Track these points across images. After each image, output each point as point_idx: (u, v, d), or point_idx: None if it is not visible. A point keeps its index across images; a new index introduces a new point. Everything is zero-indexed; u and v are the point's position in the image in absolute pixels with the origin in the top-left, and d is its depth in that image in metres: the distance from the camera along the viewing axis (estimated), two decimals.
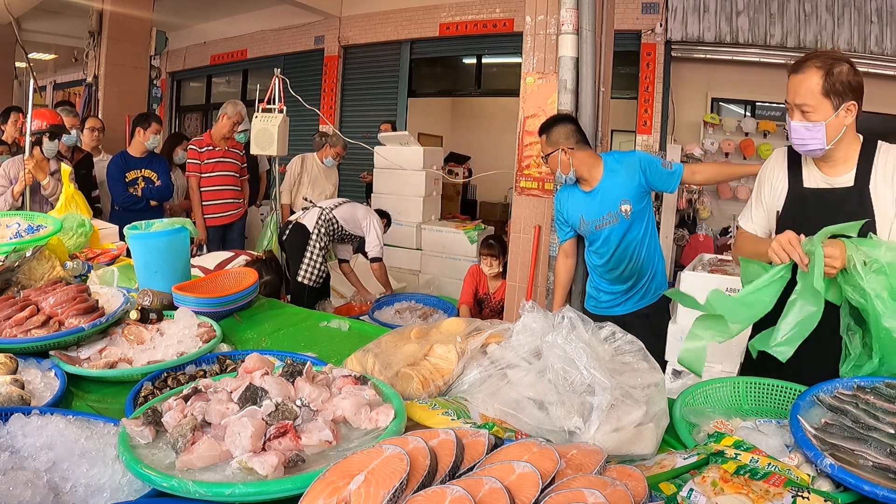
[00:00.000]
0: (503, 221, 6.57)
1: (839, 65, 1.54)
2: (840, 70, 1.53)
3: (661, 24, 5.39)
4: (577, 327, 1.21)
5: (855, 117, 1.58)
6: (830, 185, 1.64)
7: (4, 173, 3.24)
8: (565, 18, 2.75)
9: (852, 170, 1.60)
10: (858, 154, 1.60)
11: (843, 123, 1.56)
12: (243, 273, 2.02)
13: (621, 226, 2.39)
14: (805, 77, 1.57)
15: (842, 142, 1.59)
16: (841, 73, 1.53)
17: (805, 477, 0.94)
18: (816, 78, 1.55)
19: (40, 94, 8.18)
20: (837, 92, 1.53)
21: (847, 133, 1.58)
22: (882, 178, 1.57)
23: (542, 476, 0.78)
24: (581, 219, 2.47)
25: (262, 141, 3.97)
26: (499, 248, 3.80)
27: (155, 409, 1.03)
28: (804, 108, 1.57)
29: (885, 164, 1.57)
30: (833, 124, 1.55)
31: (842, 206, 1.59)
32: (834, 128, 1.56)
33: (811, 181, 1.68)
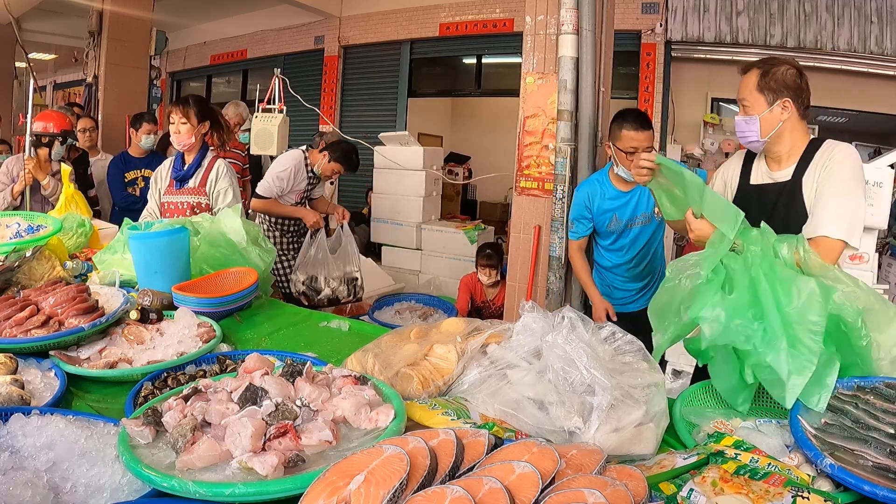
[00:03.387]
0: (503, 221, 6.57)
1: (779, 66, 1.66)
2: (777, 70, 1.65)
3: (661, 24, 5.39)
4: (577, 327, 1.21)
5: (799, 116, 1.67)
6: (773, 180, 1.73)
7: (6, 170, 3.25)
8: (565, 18, 2.75)
9: (793, 165, 1.69)
10: (803, 151, 1.68)
11: (778, 118, 1.66)
12: (243, 273, 2.02)
13: (651, 226, 2.52)
14: (747, 76, 1.71)
15: (784, 138, 1.68)
16: (777, 72, 1.65)
17: (805, 477, 0.94)
18: (754, 76, 1.68)
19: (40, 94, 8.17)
20: (771, 88, 1.65)
21: (790, 130, 1.68)
22: (813, 172, 1.64)
23: (542, 476, 0.78)
24: (614, 217, 2.52)
25: (262, 141, 3.97)
26: (497, 257, 3.81)
27: (155, 409, 1.03)
28: (743, 102, 1.71)
29: (820, 159, 1.64)
30: (767, 118, 1.66)
31: (777, 200, 1.69)
32: (768, 122, 1.66)
33: (757, 177, 1.78)
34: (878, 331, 1.29)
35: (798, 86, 1.66)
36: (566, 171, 2.85)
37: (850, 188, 1.57)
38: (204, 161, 2.62)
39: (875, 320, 1.28)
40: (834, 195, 1.57)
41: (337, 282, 3.30)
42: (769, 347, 1.23)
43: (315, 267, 3.25)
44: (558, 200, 2.90)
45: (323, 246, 3.27)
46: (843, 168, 1.60)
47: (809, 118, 1.73)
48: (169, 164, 2.69)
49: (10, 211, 2.96)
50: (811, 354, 1.19)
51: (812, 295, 1.23)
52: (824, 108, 5.44)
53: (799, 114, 1.67)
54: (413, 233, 4.96)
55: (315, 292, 3.26)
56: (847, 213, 1.55)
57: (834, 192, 1.57)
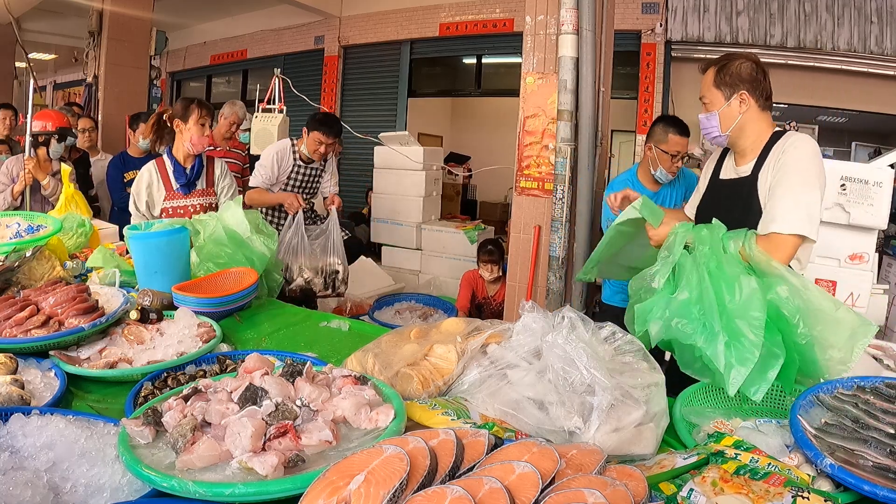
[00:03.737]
0: (503, 221, 6.56)
1: (735, 60, 1.68)
2: (733, 64, 1.67)
3: (661, 24, 5.39)
4: (577, 327, 1.21)
5: (759, 108, 1.67)
6: (737, 175, 1.74)
7: (7, 171, 3.25)
8: (565, 18, 2.75)
9: (755, 160, 1.69)
10: (764, 145, 1.68)
11: (737, 112, 1.66)
12: (243, 273, 2.02)
13: None
14: (706, 75, 1.73)
15: (746, 131, 1.69)
16: (732, 67, 1.66)
17: (805, 477, 0.94)
18: (711, 73, 1.70)
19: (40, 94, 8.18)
20: (727, 83, 1.66)
21: (752, 122, 1.68)
22: (768, 167, 1.64)
23: (542, 476, 0.78)
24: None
25: (262, 141, 3.97)
26: (498, 252, 3.81)
27: (155, 409, 1.03)
28: (703, 100, 1.74)
29: (775, 153, 1.63)
30: (726, 113, 1.68)
31: (737, 195, 1.70)
32: (728, 116, 1.68)
33: (726, 172, 1.80)
34: (827, 329, 1.31)
35: (754, 78, 1.66)
36: (566, 171, 2.85)
37: (802, 180, 1.53)
38: (204, 161, 2.62)
39: (823, 319, 1.31)
40: (785, 189, 1.54)
41: (312, 272, 3.02)
42: (709, 342, 1.31)
43: (288, 254, 2.98)
44: (558, 200, 2.90)
45: (300, 232, 3.01)
46: (796, 160, 1.56)
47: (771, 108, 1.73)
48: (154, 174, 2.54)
49: (10, 211, 2.96)
50: (753, 347, 1.26)
51: (753, 292, 1.30)
52: (824, 108, 5.44)
53: (759, 105, 1.67)
54: (413, 233, 4.96)
55: (286, 282, 2.96)
56: (801, 206, 1.51)
57: (786, 186, 1.54)
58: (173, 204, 2.55)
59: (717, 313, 1.33)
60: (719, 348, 1.30)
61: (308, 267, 3.00)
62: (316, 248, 3.03)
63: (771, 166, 1.61)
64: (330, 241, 3.08)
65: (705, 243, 1.44)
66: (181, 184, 2.55)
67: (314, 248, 3.03)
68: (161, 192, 2.54)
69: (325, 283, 3.04)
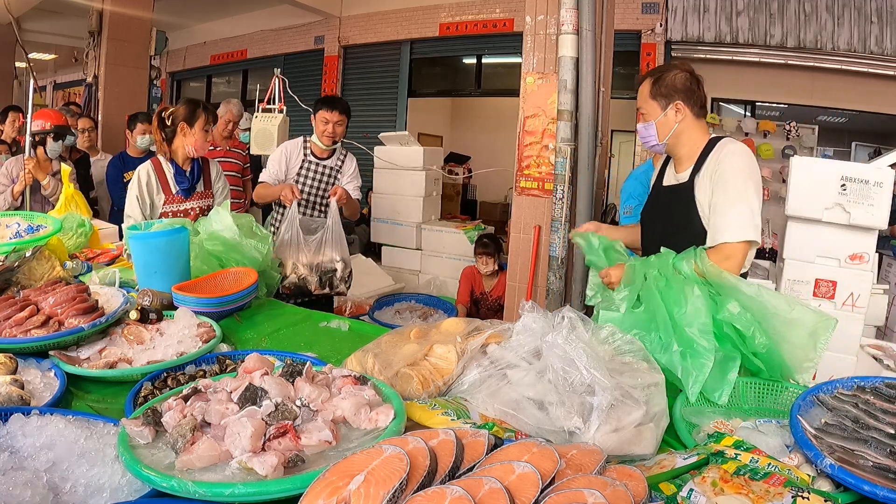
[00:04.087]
0: (503, 221, 6.56)
1: (669, 71, 1.75)
2: (667, 75, 1.74)
3: (661, 24, 5.39)
4: (577, 327, 1.21)
5: (694, 116, 1.75)
6: (677, 182, 1.82)
7: (6, 172, 3.25)
8: (565, 18, 2.75)
9: (692, 167, 1.76)
10: (700, 152, 1.76)
11: (672, 121, 1.75)
12: (243, 273, 2.02)
13: None
14: (642, 86, 1.80)
15: (682, 139, 1.77)
16: (666, 78, 1.74)
17: (805, 477, 0.94)
18: (647, 85, 1.77)
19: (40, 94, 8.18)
20: (662, 94, 1.74)
21: (688, 131, 1.76)
22: (705, 174, 1.71)
23: (542, 476, 0.78)
24: None
25: (262, 141, 3.97)
26: (493, 246, 3.84)
27: (155, 409, 1.03)
28: (640, 111, 1.81)
29: (711, 161, 1.71)
30: (663, 122, 1.76)
31: (678, 201, 1.78)
32: (664, 126, 1.76)
33: (668, 179, 1.88)
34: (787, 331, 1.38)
35: (688, 88, 1.74)
36: (566, 171, 2.85)
37: (740, 189, 1.62)
38: (200, 162, 2.61)
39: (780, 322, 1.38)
40: (727, 200, 1.63)
41: (307, 269, 2.81)
42: (665, 353, 1.40)
43: (282, 249, 2.80)
44: (558, 200, 2.90)
45: (294, 226, 2.81)
46: (732, 171, 1.65)
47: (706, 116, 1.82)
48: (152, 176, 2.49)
49: (10, 211, 2.96)
50: (707, 352, 1.35)
51: (698, 300, 1.39)
52: (824, 108, 5.44)
53: (693, 114, 1.75)
54: (413, 233, 4.96)
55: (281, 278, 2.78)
56: (744, 214, 1.61)
57: (727, 197, 1.63)
58: (173, 208, 2.52)
59: (671, 327, 1.43)
60: (675, 358, 1.38)
61: (302, 263, 2.82)
62: (312, 243, 2.84)
63: (707, 175, 1.70)
64: (328, 237, 2.87)
65: (655, 268, 1.56)
66: (183, 188, 2.52)
67: (309, 244, 2.84)
68: (160, 195, 2.51)
69: (320, 281, 2.83)
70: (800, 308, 1.38)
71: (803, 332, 1.36)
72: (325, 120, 2.93)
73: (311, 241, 2.83)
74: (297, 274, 2.77)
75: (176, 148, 2.51)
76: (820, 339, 1.36)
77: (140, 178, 2.48)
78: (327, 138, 2.95)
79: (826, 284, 2.27)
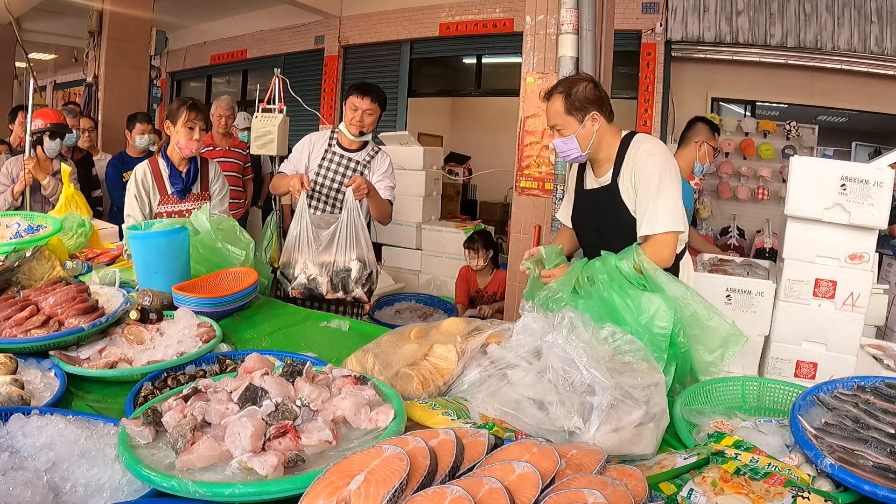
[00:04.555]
0: (503, 221, 6.56)
1: (577, 84, 1.83)
2: (577, 89, 1.81)
3: (661, 24, 5.39)
4: (577, 327, 1.21)
5: (607, 121, 1.85)
6: (599, 185, 1.92)
7: (7, 172, 3.25)
8: (565, 18, 2.75)
9: (611, 169, 1.87)
10: (616, 152, 1.86)
11: (591, 132, 1.83)
12: (243, 273, 2.02)
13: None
14: (551, 103, 1.86)
15: (600, 145, 1.86)
16: (578, 92, 1.81)
17: (805, 477, 0.94)
18: (559, 101, 1.83)
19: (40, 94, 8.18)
20: (577, 108, 1.81)
21: (604, 136, 1.85)
22: (625, 173, 1.83)
23: (542, 476, 0.78)
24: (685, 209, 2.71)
25: (262, 141, 3.96)
26: (481, 242, 3.86)
27: (155, 409, 1.03)
28: (557, 127, 1.86)
29: (629, 160, 1.82)
30: (582, 135, 1.83)
31: (605, 202, 1.88)
32: (584, 137, 1.84)
33: (588, 183, 1.98)
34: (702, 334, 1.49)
35: (598, 97, 1.83)
36: (566, 171, 2.85)
37: (661, 182, 1.75)
38: (198, 164, 2.59)
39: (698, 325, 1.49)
40: (651, 194, 1.76)
41: (318, 269, 2.51)
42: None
43: (291, 249, 2.54)
44: (558, 200, 2.90)
45: (303, 220, 2.52)
46: (651, 167, 1.77)
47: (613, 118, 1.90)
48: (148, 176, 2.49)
49: (10, 211, 2.96)
50: (662, 351, 1.45)
51: (659, 306, 1.48)
52: (824, 108, 5.43)
53: (606, 120, 1.85)
54: (413, 233, 4.96)
55: (287, 280, 2.56)
56: (668, 206, 1.74)
57: (650, 192, 1.76)
58: (168, 209, 2.51)
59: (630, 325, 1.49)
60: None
61: (312, 263, 2.52)
62: (322, 239, 2.52)
63: (628, 176, 1.82)
64: (341, 232, 2.51)
65: (602, 272, 1.65)
66: (177, 189, 2.51)
67: (320, 240, 2.52)
68: (156, 196, 2.50)
69: (331, 283, 2.51)
70: (718, 318, 1.49)
71: (716, 340, 1.48)
72: (355, 107, 2.62)
73: (321, 236, 2.51)
74: (306, 274, 2.51)
75: (171, 148, 2.51)
76: (729, 349, 1.48)
77: (137, 178, 2.48)
78: (354, 127, 2.64)
79: (826, 284, 2.27)
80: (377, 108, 2.67)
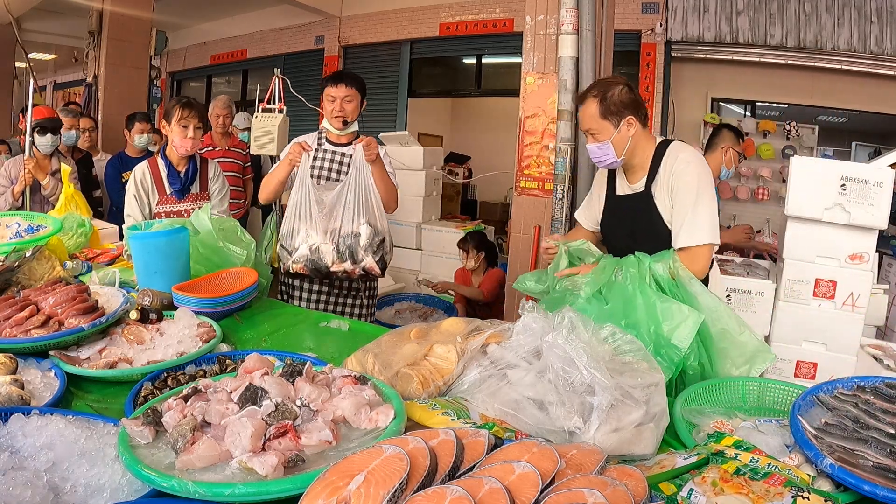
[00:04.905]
0: (503, 221, 6.56)
1: (612, 88, 1.79)
2: (613, 93, 1.78)
3: (661, 24, 5.39)
4: (577, 327, 1.21)
5: (642, 126, 1.82)
6: (633, 191, 1.90)
7: (5, 173, 3.24)
8: (565, 18, 2.75)
9: (646, 176, 1.84)
10: (651, 159, 1.83)
11: (626, 136, 1.80)
12: (243, 273, 2.02)
13: None
14: (586, 107, 1.82)
15: (635, 151, 1.83)
16: (613, 96, 1.78)
17: (805, 477, 0.94)
18: (594, 105, 1.79)
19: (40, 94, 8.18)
20: (613, 112, 1.78)
21: (639, 141, 1.82)
22: (661, 182, 1.80)
23: (542, 476, 0.78)
24: None
25: (262, 141, 3.96)
26: (473, 242, 3.91)
27: (155, 409, 1.03)
28: (591, 131, 1.83)
29: (665, 169, 1.79)
30: (618, 140, 1.80)
31: (638, 208, 1.86)
32: (620, 142, 1.80)
33: (621, 189, 1.95)
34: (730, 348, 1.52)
35: (634, 101, 1.80)
36: (566, 171, 2.85)
37: (699, 194, 1.73)
38: (197, 164, 2.59)
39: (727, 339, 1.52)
40: (688, 206, 1.74)
41: (322, 237, 2.21)
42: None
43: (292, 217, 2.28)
44: (558, 200, 2.90)
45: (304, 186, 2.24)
46: (687, 175, 1.75)
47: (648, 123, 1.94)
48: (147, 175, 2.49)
49: (10, 211, 2.96)
50: (672, 363, 1.46)
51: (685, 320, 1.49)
52: (824, 108, 5.44)
53: (641, 124, 1.82)
54: (413, 233, 4.96)
55: (287, 252, 2.30)
56: (705, 217, 1.73)
57: (687, 203, 1.74)
58: (166, 209, 2.51)
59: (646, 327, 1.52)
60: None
61: (316, 231, 2.23)
62: (327, 200, 2.24)
63: (664, 184, 1.79)
64: (349, 190, 2.23)
65: (633, 267, 1.66)
66: (175, 189, 2.51)
67: (323, 202, 2.24)
68: (154, 195, 2.50)
69: (337, 251, 2.21)
70: (748, 333, 1.50)
71: (744, 355, 1.49)
72: (332, 97, 2.45)
73: (325, 198, 2.24)
74: (308, 244, 2.22)
75: (169, 148, 2.52)
76: (756, 365, 1.49)
77: (136, 179, 2.48)
78: (337, 119, 2.46)
79: (826, 284, 2.27)
80: (355, 93, 2.47)
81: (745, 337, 1.49)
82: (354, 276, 2.31)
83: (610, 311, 1.61)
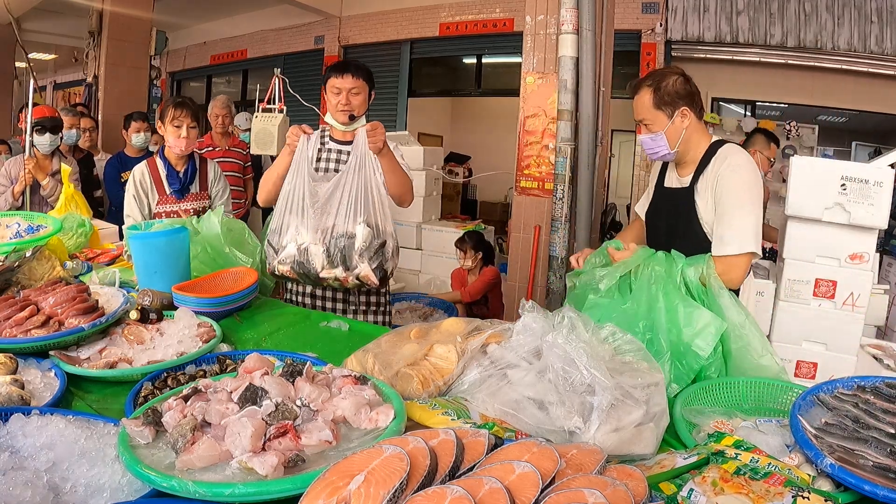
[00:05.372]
0: (503, 221, 6.56)
1: (667, 78, 1.74)
2: (667, 83, 1.73)
3: (661, 24, 5.39)
4: (577, 327, 1.21)
5: (697, 118, 1.76)
6: (680, 185, 1.84)
7: (5, 173, 3.24)
8: (565, 18, 2.75)
9: (693, 171, 1.79)
10: (702, 156, 1.78)
11: (680, 128, 1.75)
12: (243, 273, 2.01)
13: None
14: (640, 96, 1.77)
15: (689, 144, 1.78)
16: (668, 85, 1.73)
17: (805, 477, 0.94)
18: (648, 95, 1.75)
19: (40, 94, 8.18)
20: (667, 102, 1.73)
21: (693, 135, 1.77)
22: (707, 181, 1.74)
23: (542, 476, 0.78)
24: None
25: (262, 141, 3.97)
26: (470, 242, 3.92)
27: (155, 409, 1.03)
28: (644, 122, 1.78)
29: (714, 168, 1.73)
30: (671, 131, 1.75)
31: (680, 204, 1.81)
32: (673, 133, 1.75)
33: (670, 181, 1.90)
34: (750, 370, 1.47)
35: (689, 92, 1.75)
36: (566, 171, 2.85)
37: (744, 201, 1.66)
38: (196, 164, 2.59)
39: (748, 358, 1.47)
40: (731, 212, 1.67)
41: (312, 235, 1.92)
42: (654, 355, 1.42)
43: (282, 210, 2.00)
44: (558, 200, 2.90)
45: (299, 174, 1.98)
46: (735, 180, 1.68)
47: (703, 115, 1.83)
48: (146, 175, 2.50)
49: (10, 211, 2.96)
50: (691, 371, 1.43)
51: (708, 326, 1.46)
52: (824, 108, 5.44)
53: (697, 116, 1.77)
54: (413, 233, 4.96)
55: (274, 251, 2.02)
56: (748, 227, 1.65)
57: (731, 209, 1.67)
58: (166, 209, 2.51)
59: (666, 332, 1.47)
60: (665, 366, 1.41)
61: (307, 227, 1.94)
62: (322, 195, 1.94)
63: (709, 182, 1.73)
64: (344, 183, 1.93)
65: (661, 265, 1.59)
66: (174, 189, 2.51)
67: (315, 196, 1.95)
68: (154, 196, 2.51)
69: (328, 254, 1.91)
70: (769, 357, 1.46)
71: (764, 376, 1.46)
72: (337, 89, 2.12)
73: (321, 192, 1.94)
74: (296, 243, 1.95)
75: (168, 148, 2.53)
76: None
77: (135, 179, 2.49)
78: (342, 113, 2.12)
79: (826, 284, 2.27)
80: (363, 85, 2.15)
81: (765, 360, 1.44)
82: (348, 285, 1.99)
83: (629, 310, 1.55)
